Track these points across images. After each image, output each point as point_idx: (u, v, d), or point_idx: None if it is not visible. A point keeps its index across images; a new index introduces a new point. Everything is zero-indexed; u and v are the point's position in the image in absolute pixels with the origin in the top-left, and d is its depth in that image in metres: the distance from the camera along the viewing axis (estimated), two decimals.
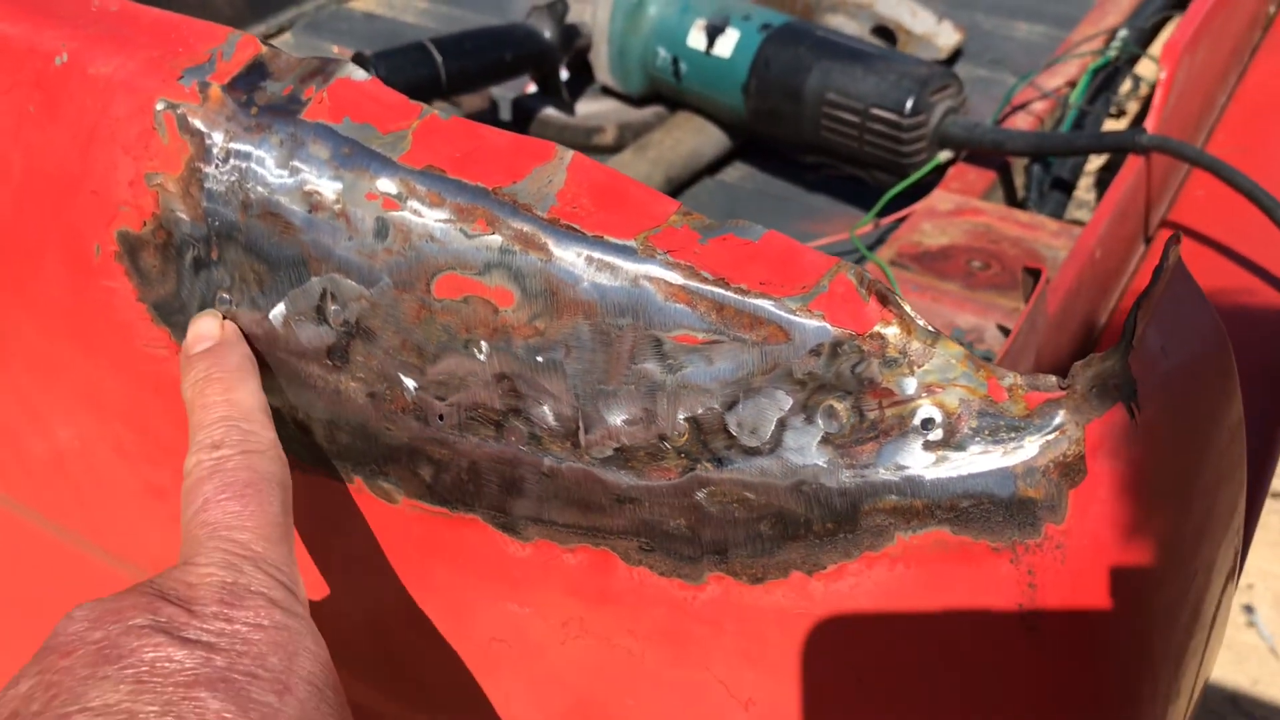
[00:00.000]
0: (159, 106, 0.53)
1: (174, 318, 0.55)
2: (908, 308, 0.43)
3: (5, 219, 0.59)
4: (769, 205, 1.15)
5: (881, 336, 0.42)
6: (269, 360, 0.53)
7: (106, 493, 0.64)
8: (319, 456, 0.54)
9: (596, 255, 0.46)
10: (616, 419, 0.46)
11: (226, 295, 0.53)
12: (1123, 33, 1.18)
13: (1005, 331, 0.84)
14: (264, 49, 0.53)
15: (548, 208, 0.47)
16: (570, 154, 0.48)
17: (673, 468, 0.46)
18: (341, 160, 0.50)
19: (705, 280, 0.44)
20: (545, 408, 0.48)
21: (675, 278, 0.45)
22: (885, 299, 0.43)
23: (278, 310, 0.52)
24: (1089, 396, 0.42)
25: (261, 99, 0.52)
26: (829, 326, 0.42)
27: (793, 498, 0.44)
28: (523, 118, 1.21)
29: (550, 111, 1.19)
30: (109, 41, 0.55)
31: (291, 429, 0.54)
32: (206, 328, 0.53)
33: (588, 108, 1.21)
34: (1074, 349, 0.88)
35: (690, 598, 0.48)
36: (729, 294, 0.44)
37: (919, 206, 0.98)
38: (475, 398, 0.49)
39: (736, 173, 1.20)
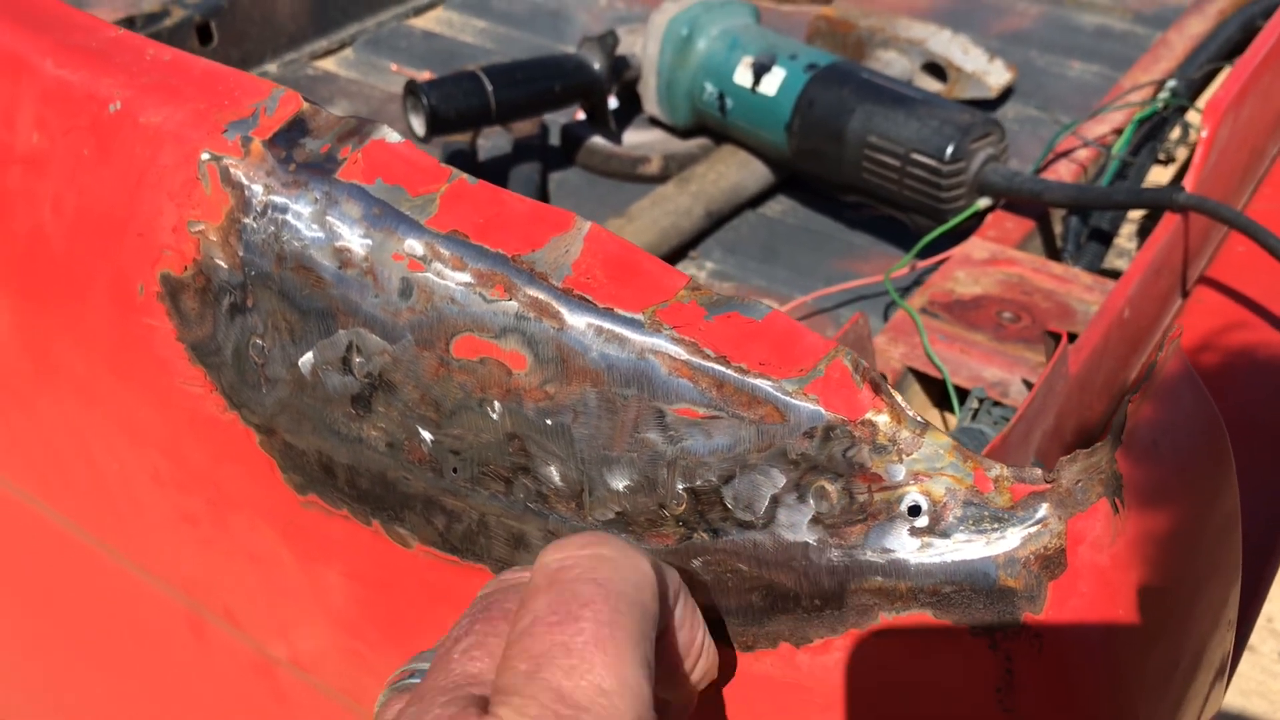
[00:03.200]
0: (203, 158, 0.55)
1: (210, 359, 0.58)
2: (899, 398, 0.44)
3: (59, 254, 0.62)
4: (809, 241, 1.16)
5: (873, 424, 0.44)
6: (298, 405, 0.55)
7: (143, 515, 0.67)
8: (341, 498, 0.57)
9: (606, 326, 0.47)
10: (619, 484, 0.48)
11: (260, 341, 0.56)
12: (1171, 83, 1.18)
13: (1030, 387, 0.85)
14: (305, 105, 0.56)
15: (563, 277, 0.49)
16: (587, 225, 0.50)
17: (671, 534, 0.48)
18: (372, 220, 0.52)
19: (708, 357, 0.46)
20: (552, 468, 0.50)
21: (680, 353, 0.46)
22: (878, 387, 0.44)
23: (306, 359, 0.54)
24: (1074, 491, 0.43)
25: (300, 156, 0.54)
26: (823, 411, 0.44)
27: (783, 572, 0.46)
28: (571, 144, 1.23)
29: (598, 140, 1.21)
30: (159, 91, 0.58)
31: (317, 471, 0.56)
32: None
33: (635, 137, 1.23)
34: (1102, 406, 0.88)
35: None
36: (729, 372, 0.45)
37: (954, 253, 0.99)
38: (487, 454, 0.51)
39: (779, 206, 1.22)
